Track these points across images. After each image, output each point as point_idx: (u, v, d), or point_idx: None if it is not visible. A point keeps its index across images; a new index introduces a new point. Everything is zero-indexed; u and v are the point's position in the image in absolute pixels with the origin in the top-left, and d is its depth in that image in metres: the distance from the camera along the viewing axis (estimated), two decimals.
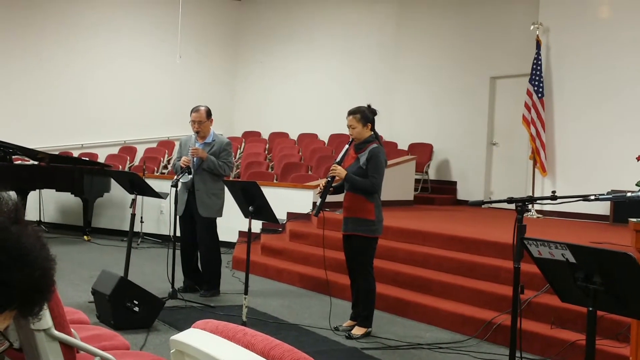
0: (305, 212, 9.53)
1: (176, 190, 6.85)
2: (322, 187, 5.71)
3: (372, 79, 14.10)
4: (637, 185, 8.16)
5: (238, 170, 12.72)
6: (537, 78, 10.61)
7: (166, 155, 14.02)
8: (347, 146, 5.87)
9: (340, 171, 5.65)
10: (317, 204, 5.69)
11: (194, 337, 1.72)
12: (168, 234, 7.17)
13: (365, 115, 5.74)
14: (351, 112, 5.78)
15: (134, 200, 6.52)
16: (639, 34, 9.75)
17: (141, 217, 10.58)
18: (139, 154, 14.08)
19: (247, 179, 10.75)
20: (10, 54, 13.39)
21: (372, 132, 5.80)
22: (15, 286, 1.29)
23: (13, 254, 1.29)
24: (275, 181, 11.29)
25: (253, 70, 15.79)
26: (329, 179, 5.68)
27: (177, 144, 7.48)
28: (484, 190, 12.36)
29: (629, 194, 3.37)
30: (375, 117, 5.84)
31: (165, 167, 13.69)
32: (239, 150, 14.06)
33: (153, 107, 14.69)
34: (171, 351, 1.80)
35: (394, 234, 7.89)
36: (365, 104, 5.91)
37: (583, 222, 9.90)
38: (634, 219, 3.91)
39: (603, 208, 9.76)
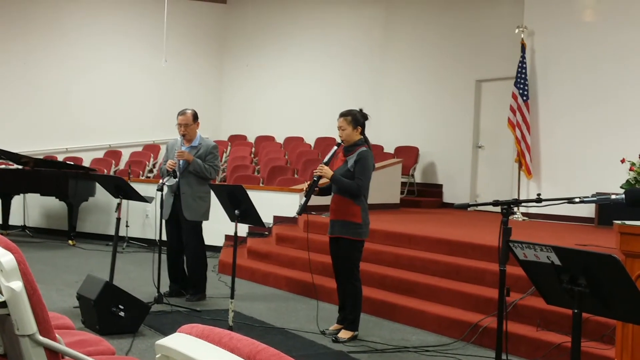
0: (292, 215, 9.52)
1: (162, 194, 6.82)
2: (307, 187, 5.72)
3: (358, 83, 14.13)
4: (621, 187, 8.22)
5: (224, 174, 12.69)
6: (522, 81, 10.67)
7: (151, 159, 13.97)
8: (335, 148, 5.88)
9: (326, 171, 5.66)
10: (301, 203, 5.68)
11: (179, 341, 1.72)
12: (154, 238, 7.14)
13: (356, 118, 5.75)
14: (342, 114, 5.80)
15: (119, 205, 6.48)
16: (623, 37, 9.83)
17: (126, 222, 10.51)
18: (124, 158, 14.02)
19: (233, 183, 10.73)
20: None
21: (362, 136, 5.81)
22: None
23: None
24: (261, 185, 11.27)
25: (239, 74, 15.76)
26: (315, 178, 5.69)
27: (162, 147, 7.45)
28: (470, 193, 12.41)
29: (613, 197, 3.38)
30: (366, 122, 5.85)
31: (151, 171, 13.64)
32: (225, 154, 14.03)
33: (138, 111, 14.63)
34: (157, 356, 1.79)
35: (381, 237, 7.90)
36: (352, 107, 5.92)
37: (568, 224, 9.96)
38: (619, 222, 3.93)
39: (588, 210, 9.82)
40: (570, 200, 3.49)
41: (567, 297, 2.71)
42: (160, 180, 6.78)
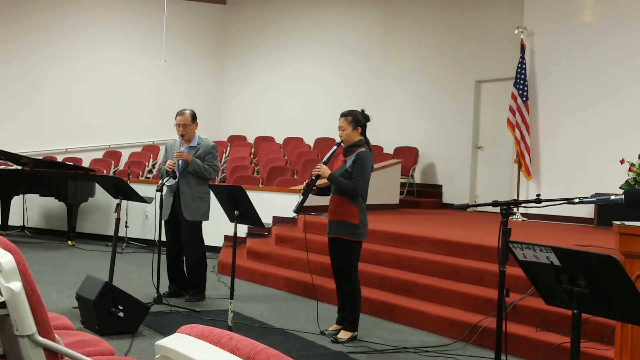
0: (291, 216, 9.51)
1: (161, 195, 6.82)
2: (305, 186, 5.71)
3: (358, 83, 14.13)
4: (621, 188, 8.23)
5: (224, 175, 12.69)
6: (521, 82, 10.67)
7: (151, 160, 13.96)
8: (334, 147, 5.88)
9: (324, 170, 5.65)
10: (299, 201, 5.67)
11: (179, 342, 1.71)
12: (153, 238, 7.14)
13: (357, 118, 5.74)
14: (343, 114, 5.79)
15: (118, 205, 6.47)
16: (623, 37, 9.83)
17: (126, 222, 10.53)
18: (124, 159, 14.02)
19: (232, 183, 10.73)
20: None
21: (362, 137, 5.80)
22: None
23: None
24: (261, 185, 11.27)
25: (239, 75, 15.76)
26: (313, 177, 5.68)
27: (162, 148, 7.44)
28: (470, 193, 12.41)
29: (612, 197, 3.38)
30: (367, 124, 5.84)
31: (150, 171, 13.64)
32: (224, 155, 14.03)
33: (138, 111, 14.63)
34: (156, 357, 1.79)
35: (380, 238, 7.90)
36: (351, 107, 5.91)
37: (568, 225, 9.96)
38: (618, 222, 3.93)
39: (587, 211, 9.82)
40: (569, 201, 3.48)
41: (567, 298, 2.71)
42: (160, 181, 6.78)
